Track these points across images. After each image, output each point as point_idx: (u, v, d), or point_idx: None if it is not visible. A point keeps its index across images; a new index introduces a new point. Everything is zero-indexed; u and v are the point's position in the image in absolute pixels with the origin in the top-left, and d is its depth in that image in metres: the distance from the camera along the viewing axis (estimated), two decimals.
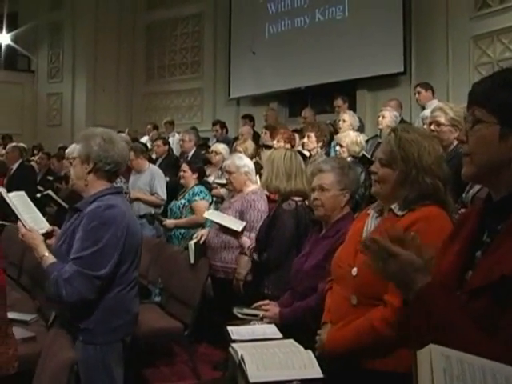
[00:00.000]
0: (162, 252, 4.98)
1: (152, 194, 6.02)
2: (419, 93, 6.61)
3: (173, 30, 12.43)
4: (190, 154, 7.61)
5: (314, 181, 2.78)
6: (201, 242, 4.40)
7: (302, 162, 3.59)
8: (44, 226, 2.85)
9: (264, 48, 10.28)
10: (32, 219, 2.82)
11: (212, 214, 4.11)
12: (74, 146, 5.25)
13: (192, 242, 4.40)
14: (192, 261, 4.37)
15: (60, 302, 2.50)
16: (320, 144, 5.02)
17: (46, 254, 2.52)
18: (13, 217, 2.94)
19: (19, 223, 2.71)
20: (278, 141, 5.45)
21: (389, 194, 2.12)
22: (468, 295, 1.27)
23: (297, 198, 3.42)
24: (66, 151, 5.10)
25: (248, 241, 3.75)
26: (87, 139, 2.60)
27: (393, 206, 2.09)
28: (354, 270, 2.08)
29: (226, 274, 4.25)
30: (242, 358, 1.87)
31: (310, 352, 1.97)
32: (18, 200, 2.95)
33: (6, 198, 2.88)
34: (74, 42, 12.92)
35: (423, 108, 6.38)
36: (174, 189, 6.42)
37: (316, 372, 1.84)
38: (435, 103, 6.25)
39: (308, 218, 3.35)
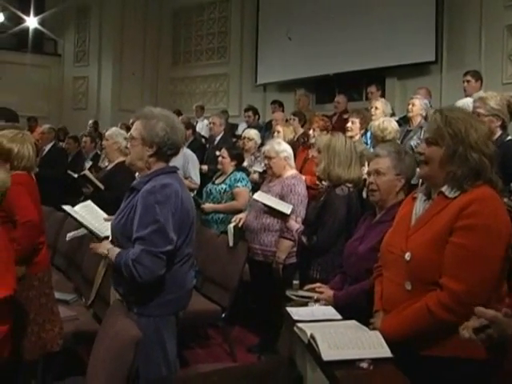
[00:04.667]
0: (197, 235, 5.00)
1: (185, 178, 6.03)
2: (468, 81, 6.36)
3: (199, 15, 12.40)
4: (218, 139, 7.60)
5: (369, 165, 2.79)
6: (239, 225, 4.44)
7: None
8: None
9: (292, 34, 10.22)
10: (100, 224, 2.93)
11: (261, 196, 4.13)
12: (114, 128, 5.34)
13: (231, 226, 4.44)
14: (231, 244, 4.41)
15: (135, 284, 2.55)
16: (362, 131, 5.02)
17: (110, 246, 2.65)
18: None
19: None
20: (313, 129, 5.45)
21: (436, 172, 2.10)
22: None
23: (349, 184, 3.43)
24: (107, 133, 5.14)
25: (296, 224, 3.77)
26: (149, 122, 2.65)
27: (443, 189, 2.07)
28: (408, 255, 2.06)
29: (265, 257, 4.29)
30: (313, 337, 1.89)
31: (377, 332, 1.99)
32: (85, 210, 3.03)
33: (75, 215, 2.95)
34: (101, 26, 12.95)
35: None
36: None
37: (386, 352, 1.86)
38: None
39: (359, 205, 3.37)
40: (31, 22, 12.97)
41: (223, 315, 4.35)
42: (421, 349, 2.04)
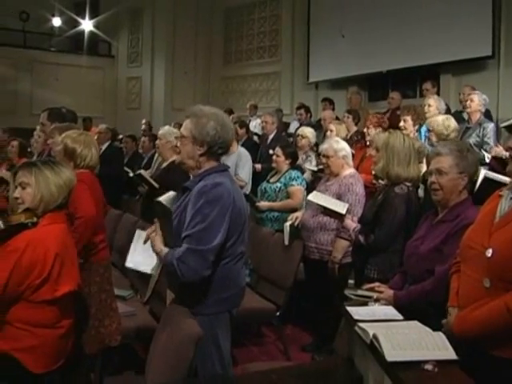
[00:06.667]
0: (251, 233, 5.02)
1: (234, 175, 6.03)
2: None
3: (250, 14, 12.47)
4: (270, 137, 7.57)
5: (431, 164, 2.72)
6: (295, 224, 4.42)
7: None
8: None
9: (344, 31, 10.11)
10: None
11: (316, 197, 4.09)
12: (167, 127, 5.42)
13: (287, 224, 4.42)
14: (286, 242, 4.40)
15: (182, 282, 2.55)
16: (416, 127, 4.93)
17: (162, 247, 2.63)
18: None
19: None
20: (368, 127, 5.39)
21: None
22: None
23: (408, 183, 3.37)
24: (160, 132, 5.21)
25: (353, 223, 3.72)
26: (199, 120, 2.63)
27: None
28: (489, 251, 2.01)
29: (321, 256, 4.26)
30: (376, 337, 1.86)
31: (441, 334, 1.94)
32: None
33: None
34: (153, 28, 13.20)
35: None
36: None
37: (450, 354, 1.82)
38: None
39: (418, 204, 3.30)
40: (86, 25, 13.38)
41: (278, 313, 4.35)
42: (494, 349, 1.99)
